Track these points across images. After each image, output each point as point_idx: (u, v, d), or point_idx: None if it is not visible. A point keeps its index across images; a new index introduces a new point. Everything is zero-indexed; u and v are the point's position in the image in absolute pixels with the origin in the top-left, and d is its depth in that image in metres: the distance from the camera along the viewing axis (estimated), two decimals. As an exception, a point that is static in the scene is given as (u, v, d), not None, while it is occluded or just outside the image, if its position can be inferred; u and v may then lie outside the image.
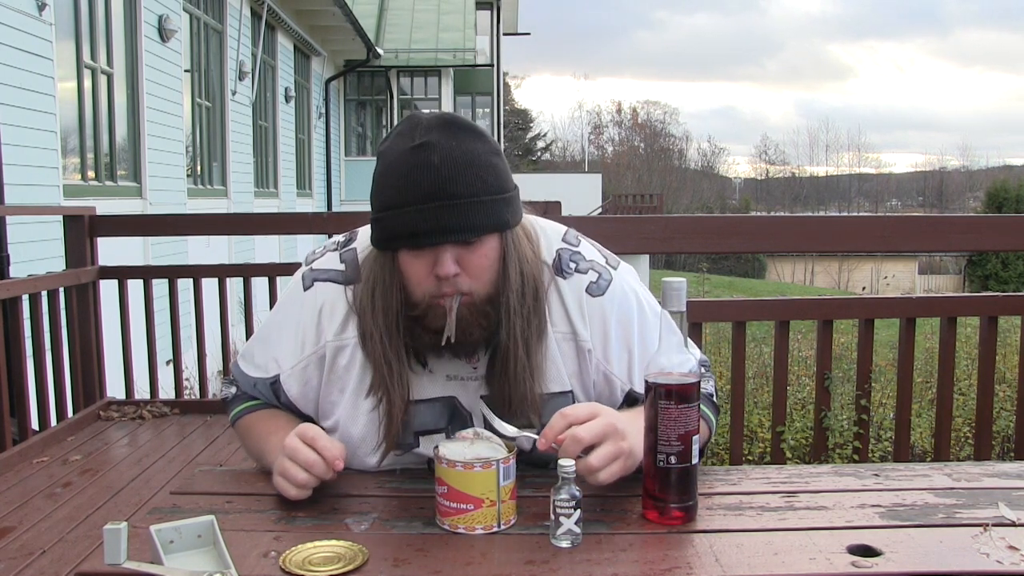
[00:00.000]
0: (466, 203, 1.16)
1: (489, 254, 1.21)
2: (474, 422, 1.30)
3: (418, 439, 1.30)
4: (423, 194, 1.15)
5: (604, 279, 1.31)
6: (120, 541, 0.94)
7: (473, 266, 1.20)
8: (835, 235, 2.99)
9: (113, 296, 3.87)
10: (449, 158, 1.16)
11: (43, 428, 3.44)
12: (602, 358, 1.30)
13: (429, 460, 1.30)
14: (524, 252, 1.26)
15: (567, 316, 1.29)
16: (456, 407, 1.30)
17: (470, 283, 1.20)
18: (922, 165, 62.57)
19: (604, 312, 1.30)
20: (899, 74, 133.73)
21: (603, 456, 1.11)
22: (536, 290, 1.26)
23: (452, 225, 1.16)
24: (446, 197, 1.15)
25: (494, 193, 1.19)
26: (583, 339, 1.29)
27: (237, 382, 1.43)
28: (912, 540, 1.05)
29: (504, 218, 1.21)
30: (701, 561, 1.00)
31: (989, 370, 2.96)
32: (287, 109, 12.16)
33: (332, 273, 1.32)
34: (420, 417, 1.29)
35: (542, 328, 1.27)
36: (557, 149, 51.96)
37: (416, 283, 1.21)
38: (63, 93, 5.69)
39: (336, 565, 0.98)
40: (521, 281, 1.24)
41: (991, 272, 19.12)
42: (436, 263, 1.18)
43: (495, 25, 19.87)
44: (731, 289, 18.40)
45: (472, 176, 1.17)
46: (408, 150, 1.17)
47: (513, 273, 1.23)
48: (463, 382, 1.29)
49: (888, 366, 5.21)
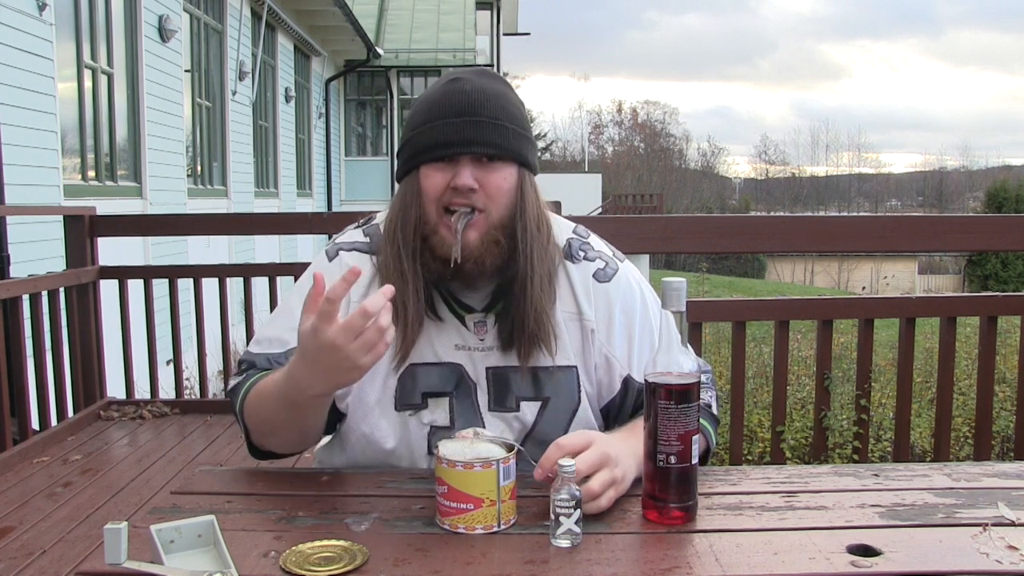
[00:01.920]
0: (492, 123, 1.24)
1: (508, 179, 1.26)
2: (478, 394, 1.31)
3: (426, 400, 1.31)
4: (452, 111, 1.23)
5: (611, 268, 1.36)
6: (120, 541, 0.94)
7: (491, 185, 1.24)
8: (835, 235, 2.99)
9: (113, 296, 3.87)
10: (480, 89, 1.25)
11: (43, 428, 3.44)
12: (605, 341, 1.33)
13: (431, 432, 1.30)
14: (542, 202, 1.31)
15: (574, 297, 1.33)
16: (462, 375, 1.31)
17: (485, 200, 1.24)
18: (920, 165, 62.64)
19: (610, 297, 1.33)
20: (893, 74, 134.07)
21: (603, 482, 1.12)
22: (550, 235, 1.31)
23: (476, 138, 1.23)
24: (473, 114, 1.23)
25: (519, 126, 1.27)
26: (588, 318, 1.32)
27: (252, 364, 1.34)
28: (912, 540, 1.05)
29: (525, 152, 1.28)
30: (701, 561, 1.00)
31: (989, 370, 2.96)
32: (287, 109, 12.16)
33: (358, 243, 1.36)
34: (427, 379, 1.30)
35: (555, 272, 1.31)
36: (557, 149, 52.01)
37: (433, 196, 1.25)
38: (63, 93, 5.69)
39: (336, 565, 0.98)
40: (538, 218, 1.29)
41: (991, 272, 19.12)
42: (455, 176, 1.22)
43: (495, 25, 19.87)
44: (731, 289, 18.41)
45: (499, 105, 1.25)
46: (443, 84, 1.28)
47: (531, 208, 1.28)
48: (470, 352, 1.31)
49: (888, 366, 5.22)
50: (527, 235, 1.26)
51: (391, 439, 1.32)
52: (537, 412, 1.31)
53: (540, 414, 1.31)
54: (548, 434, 1.29)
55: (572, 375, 1.31)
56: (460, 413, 1.30)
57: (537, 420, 1.31)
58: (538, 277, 1.26)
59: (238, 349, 5.19)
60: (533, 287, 1.26)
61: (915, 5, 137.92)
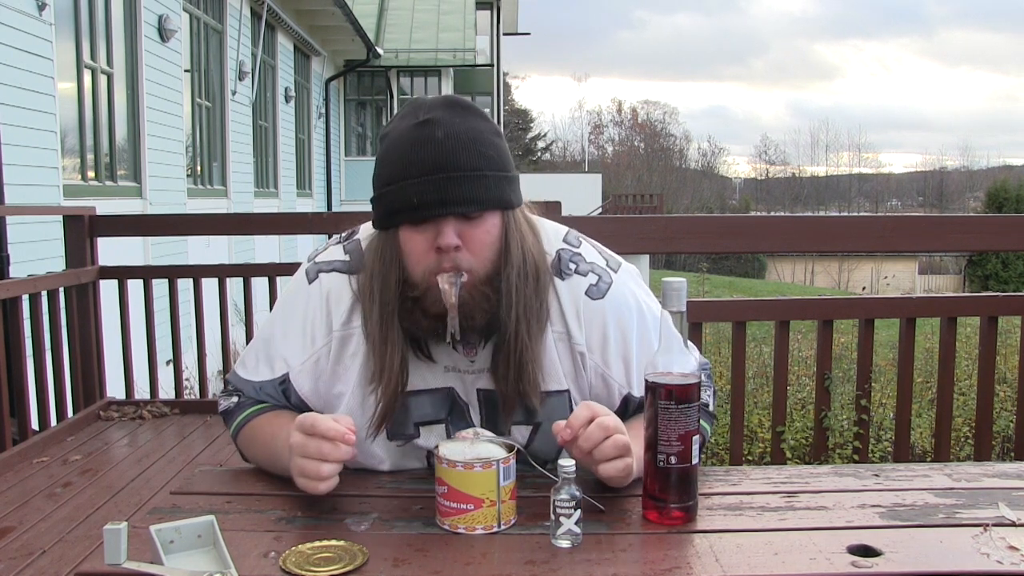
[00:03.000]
0: (469, 176, 1.16)
1: (491, 231, 1.20)
2: (471, 414, 1.30)
3: (419, 430, 1.30)
4: (426, 167, 1.15)
5: (604, 282, 1.30)
6: (120, 541, 0.94)
7: (475, 242, 1.18)
8: (835, 235, 2.99)
9: (113, 296, 3.87)
10: (452, 134, 1.17)
11: (43, 428, 3.43)
12: (600, 361, 1.29)
13: (429, 454, 1.29)
14: (526, 237, 1.25)
15: (563, 317, 1.28)
16: (455, 399, 1.29)
17: (470, 260, 1.18)
18: (919, 165, 62.61)
19: (604, 315, 1.28)
20: (887, 74, 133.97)
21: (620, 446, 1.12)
22: (538, 273, 1.25)
23: (455, 197, 1.16)
24: (450, 169, 1.15)
25: (497, 170, 1.20)
26: (576, 341, 1.28)
27: (239, 390, 1.36)
28: (912, 540, 1.05)
29: (506, 196, 1.21)
30: (701, 561, 1.00)
31: (989, 370, 2.96)
32: (287, 109, 12.16)
33: (337, 263, 1.31)
34: (420, 408, 1.29)
35: (543, 314, 1.26)
36: (557, 149, 52.04)
37: (416, 260, 1.19)
38: (63, 93, 5.69)
39: (336, 565, 0.98)
40: (523, 261, 1.23)
41: (991, 272, 19.11)
42: (438, 235, 1.17)
43: (495, 25, 19.88)
44: (731, 289, 18.40)
45: (475, 151, 1.17)
46: (411, 127, 1.18)
47: (516, 252, 1.22)
48: (460, 375, 1.29)
49: (888, 366, 5.21)
50: (511, 286, 1.21)
51: (386, 464, 1.32)
52: (528, 436, 1.30)
53: (532, 438, 1.30)
54: (541, 456, 1.28)
55: (564, 399, 1.29)
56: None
57: (529, 443, 1.30)
58: (523, 326, 1.22)
59: (238, 349, 5.19)
60: (519, 341, 1.22)
61: (904, 4, 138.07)
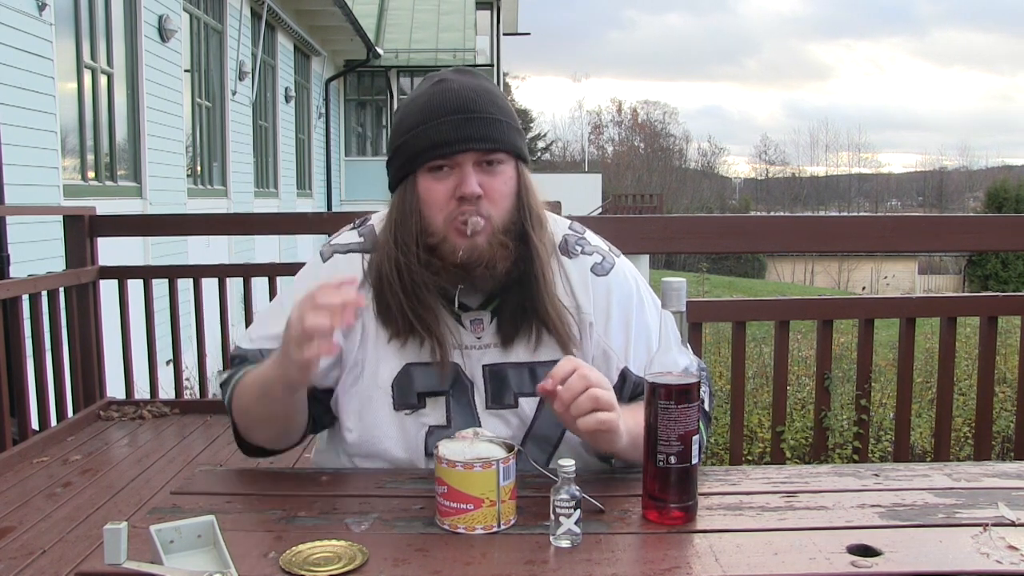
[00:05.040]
0: (487, 118, 1.23)
1: (508, 181, 1.26)
2: (474, 393, 1.31)
3: (423, 400, 1.31)
4: (447, 109, 1.22)
5: (608, 262, 1.37)
6: (120, 541, 0.94)
7: (494, 190, 1.24)
8: (835, 235, 2.99)
9: (113, 296, 3.87)
10: (468, 86, 1.26)
11: (43, 428, 3.44)
12: (602, 333, 1.33)
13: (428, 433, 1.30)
14: (538, 199, 1.31)
15: (572, 291, 1.33)
16: (459, 374, 1.31)
17: (490, 207, 1.23)
18: (917, 165, 62.64)
19: (608, 290, 1.34)
20: (881, 74, 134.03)
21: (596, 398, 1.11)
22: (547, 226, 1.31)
23: (475, 134, 1.22)
24: (468, 111, 1.22)
25: (511, 119, 1.27)
26: (586, 312, 1.32)
27: (245, 358, 1.34)
28: (912, 540, 1.05)
29: (520, 146, 1.29)
30: (701, 561, 1.00)
31: (989, 370, 2.96)
32: (287, 109, 12.16)
33: (352, 245, 1.36)
34: (425, 379, 1.30)
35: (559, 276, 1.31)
36: (557, 149, 52.00)
37: (437, 208, 1.23)
38: (63, 93, 5.69)
39: (336, 565, 0.98)
40: (538, 211, 1.29)
41: (991, 272, 19.11)
42: (460, 183, 1.22)
43: (495, 25, 19.87)
44: (731, 289, 18.40)
45: (490, 101, 1.25)
46: (427, 86, 1.28)
47: (531, 204, 1.28)
48: (467, 351, 1.31)
49: (888, 366, 5.21)
50: (533, 231, 1.26)
51: (388, 439, 1.31)
52: (536, 407, 1.31)
53: (540, 409, 1.31)
54: (547, 430, 1.29)
55: None
56: (457, 412, 1.30)
57: (536, 415, 1.31)
58: (548, 269, 1.28)
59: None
60: (547, 280, 1.27)
61: (895, 4, 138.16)
